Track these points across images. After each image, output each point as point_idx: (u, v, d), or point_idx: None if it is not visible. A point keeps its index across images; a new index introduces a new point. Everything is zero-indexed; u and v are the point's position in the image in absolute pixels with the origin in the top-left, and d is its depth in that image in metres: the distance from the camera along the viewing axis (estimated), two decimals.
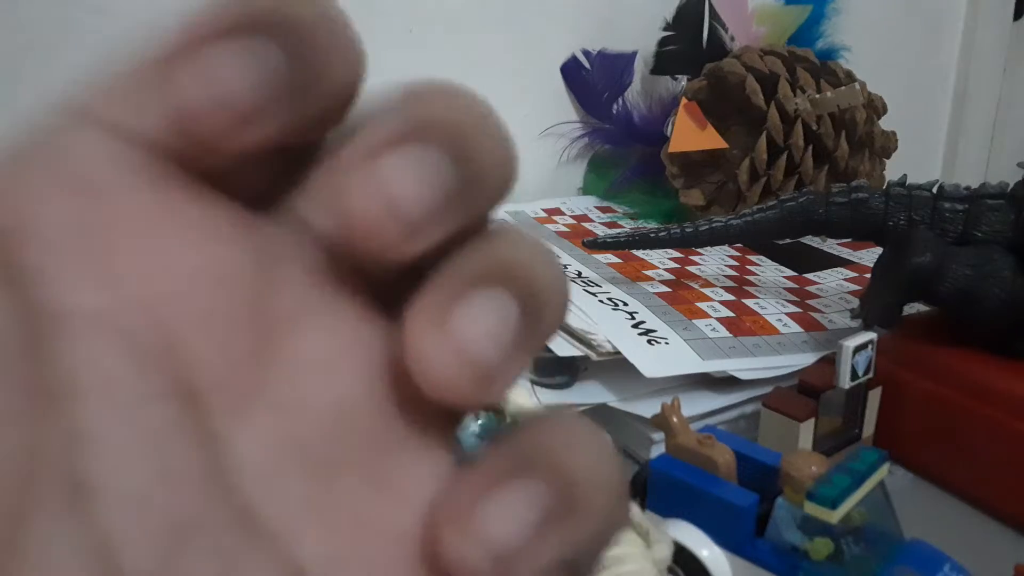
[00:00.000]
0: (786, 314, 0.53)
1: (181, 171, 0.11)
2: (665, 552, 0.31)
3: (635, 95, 0.78)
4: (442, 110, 0.11)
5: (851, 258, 0.65)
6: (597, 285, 0.54)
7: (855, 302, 0.54)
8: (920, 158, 1.06)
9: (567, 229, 0.67)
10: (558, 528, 0.10)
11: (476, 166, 0.11)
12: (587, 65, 0.77)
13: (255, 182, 0.11)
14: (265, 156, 0.11)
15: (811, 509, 0.30)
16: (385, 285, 0.12)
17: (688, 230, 0.52)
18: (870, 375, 0.42)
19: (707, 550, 0.33)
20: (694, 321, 0.50)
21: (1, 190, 0.10)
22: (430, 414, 0.11)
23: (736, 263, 0.62)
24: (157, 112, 0.10)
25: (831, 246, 0.68)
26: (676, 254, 0.63)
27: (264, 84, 0.10)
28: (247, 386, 0.10)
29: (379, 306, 0.12)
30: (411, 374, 0.10)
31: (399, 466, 0.11)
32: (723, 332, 0.49)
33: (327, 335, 0.11)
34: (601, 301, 0.51)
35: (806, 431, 0.40)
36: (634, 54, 0.77)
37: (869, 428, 0.44)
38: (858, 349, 0.40)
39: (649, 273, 0.58)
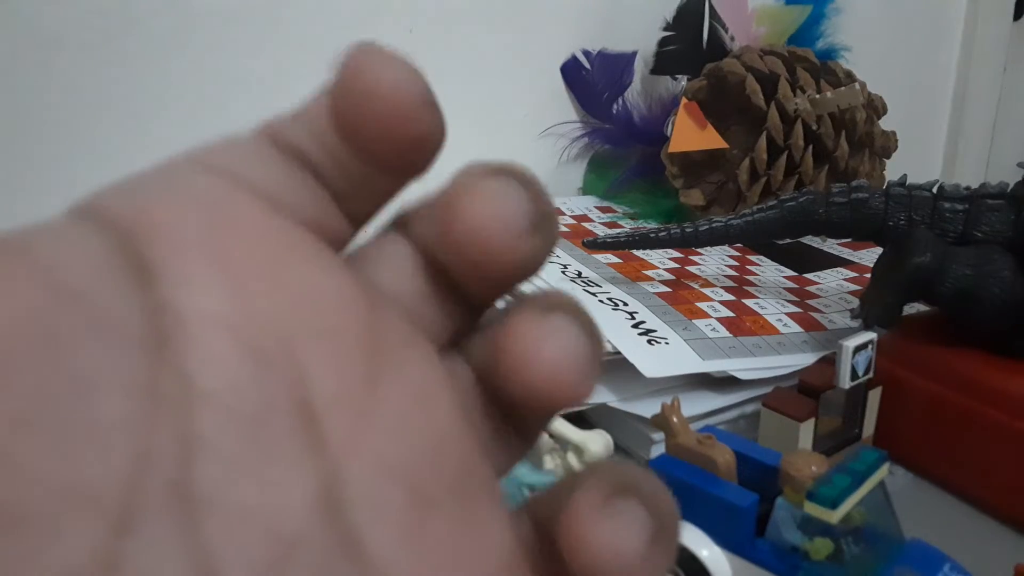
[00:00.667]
0: (786, 314, 0.53)
1: (293, 217, 0.12)
2: None
3: (635, 95, 0.78)
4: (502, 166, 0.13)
5: (851, 258, 0.65)
6: (597, 285, 0.54)
7: (855, 302, 0.54)
8: (920, 158, 1.06)
9: (567, 229, 0.67)
10: (662, 547, 0.11)
11: (549, 206, 0.12)
12: (587, 65, 0.77)
13: (345, 219, 0.13)
14: (365, 189, 0.12)
15: (811, 509, 0.30)
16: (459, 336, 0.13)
17: (688, 230, 0.52)
18: (870, 375, 0.42)
19: (707, 550, 0.33)
20: (694, 321, 0.50)
21: (125, 202, 0.10)
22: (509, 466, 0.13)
23: (736, 263, 0.62)
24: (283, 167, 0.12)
25: (831, 246, 0.68)
26: (676, 254, 0.63)
27: (418, 85, 0.12)
28: (360, 408, 0.11)
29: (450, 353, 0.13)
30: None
31: (480, 511, 0.12)
32: (723, 332, 0.49)
33: (425, 371, 0.12)
34: (601, 301, 0.51)
35: (806, 431, 0.40)
36: (634, 54, 0.77)
37: (869, 428, 0.44)
38: (858, 349, 0.40)
39: (649, 273, 0.58)
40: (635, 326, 0.48)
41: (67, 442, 0.08)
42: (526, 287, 0.13)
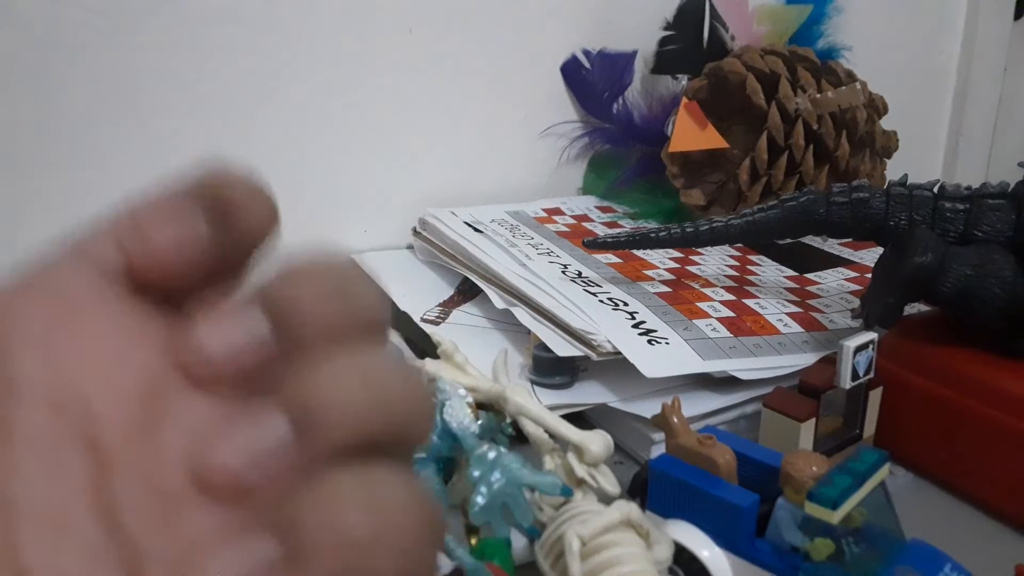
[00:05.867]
0: (787, 314, 0.53)
1: (134, 288, 0.16)
2: (665, 553, 0.31)
3: (635, 95, 0.78)
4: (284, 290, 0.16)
5: (852, 258, 0.65)
6: (597, 285, 0.54)
7: (856, 302, 0.54)
8: (921, 158, 1.06)
9: (567, 229, 0.67)
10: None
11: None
12: (587, 65, 0.77)
13: (191, 293, 0.17)
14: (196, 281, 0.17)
15: (812, 509, 0.30)
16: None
17: (688, 230, 0.52)
18: (871, 375, 0.42)
19: (707, 550, 0.33)
20: (694, 321, 0.50)
21: (5, 298, 0.16)
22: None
23: (736, 263, 0.62)
24: (118, 251, 0.16)
25: (832, 246, 0.68)
26: (676, 254, 0.63)
27: (188, 240, 0.16)
28: (134, 438, 0.15)
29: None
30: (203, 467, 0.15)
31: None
32: (723, 332, 0.49)
33: (200, 409, 0.16)
34: (601, 301, 0.51)
35: (807, 431, 0.40)
36: (634, 54, 0.77)
37: (870, 428, 0.44)
38: (859, 349, 0.40)
39: (649, 273, 0.58)
40: (635, 326, 0.48)
41: None
42: None
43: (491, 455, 0.32)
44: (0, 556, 0.13)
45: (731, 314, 0.52)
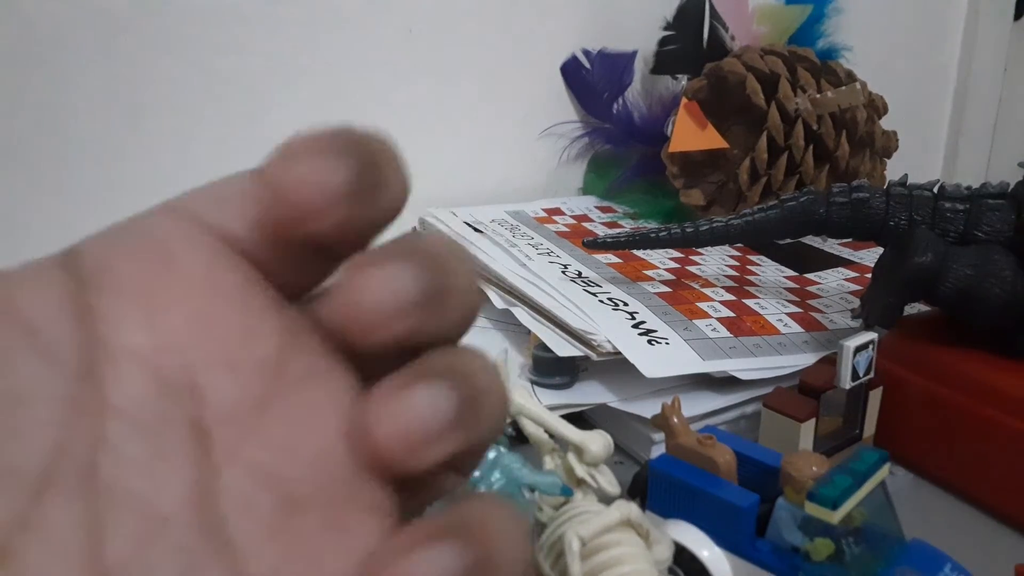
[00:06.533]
0: (787, 314, 0.53)
1: (241, 257, 0.14)
2: (665, 553, 0.31)
3: (635, 95, 0.78)
4: (429, 242, 0.14)
5: (852, 258, 0.65)
6: (597, 285, 0.54)
7: (856, 302, 0.54)
8: (921, 158, 1.06)
9: (567, 229, 0.67)
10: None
11: (444, 287, 0.14)
12: (587, 65, 0.77)
13: (296, 276, 0.15)
14: (307, 257, 0.14)
15: (812, 509, 0.30)
16: (371, 375, 0.14)
17: (688, 230, 0.52)
18: (871, 375, 0.42)
19: (707, 551, 0.33)
20: (694, 321, 0.50)
21: (95, 249, 0.14)
22: (386, 481, 0.14)
23: (736, 263, 0.62)
24: (237, 211, 0.14)
25: (832, 246, 0.68)
26: (676, 254, 0.63)
27: (330, 187, 0.13)
28: (246, 425, 0.13)
29: (363, 387, 0.15)
30: (361, 434, 0.13)
31: (353, 519, 0.13)
32: (724, 332, 0.49)
33: (321, 400, 0.14)
34: (601, 301, 0.51)
35: (807, 431, 0.40)
36: (634, 54, 0.77)
37: (870, 428, 0.44)
38: (859, 349, 0.40)
39: (649, 273, 0.58)
40: (635, 326, 0.48)
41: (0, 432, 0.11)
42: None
43: (491, 455, 0.32)
44: (81, 543, 0.11)
45: (731, 314, 0.52)
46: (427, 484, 0.15)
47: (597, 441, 0.35)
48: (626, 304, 0.51)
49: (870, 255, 0.66)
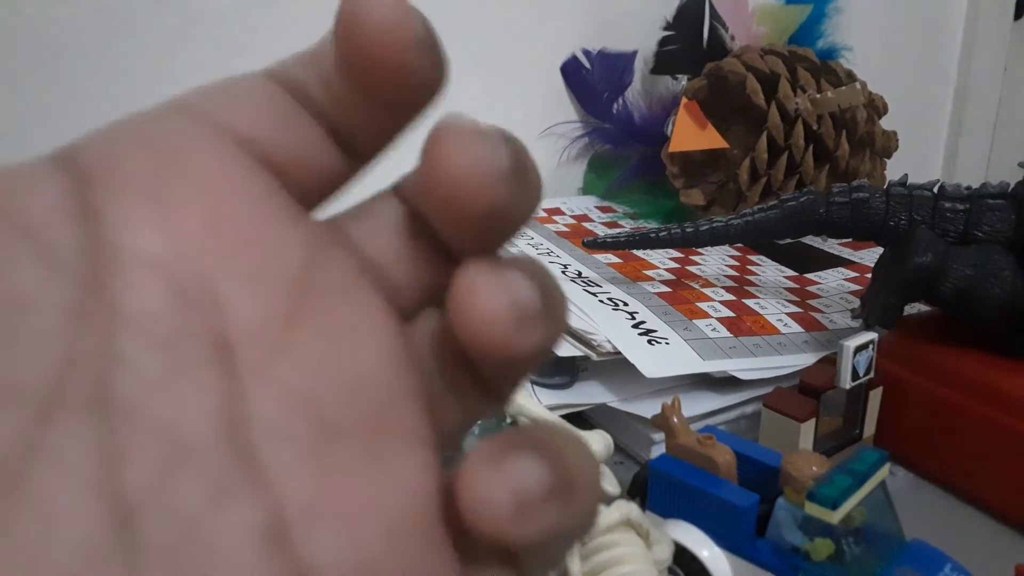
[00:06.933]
0: (787, 314, 0.53)
1: (259, 163, 0.13)
2: (665, 553, 0.31)
3: (635, 95, 0.78)
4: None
5: (852, 258, 0.65)
6: (597, 285, 0.54)
7: (856, 302, 0.54)
8: (921, 158, 1.06)
9: (567, 229, 0.67)
10: (559, 502, 0.12)
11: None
12: (587, 65, 0.77)
13: (315, 191, 0.14)
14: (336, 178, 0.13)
15: (812, 509, 0.30)
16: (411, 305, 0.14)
17: (688, 230, 0.52)
18: (871, 375, 0.42)
19: (707, 551, 0.33)
20: (694, 321, 0.50)
21: (97, 146, 0.12)
22: (430, 414, 0.13)
23: (736, 263, 0.62)
24: (253, 111, 0.13)
25: (832, 246, 0.68)
26: (676, 254, 0.63)
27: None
28: (275, 343, 0.12)
29: (400, 314, 0.14)
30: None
31: (394, 450, 0.12)
32: (724, 332, 0.49)
33: (358, 316, 0.13)
34: (601, 301, 0.51)
35: (807, 431, 0.40)
36: (634, 54, 0.77)
37: (870, 428, 0.44)
38: (859, 349, 0.40)
39: (649, 273, 0.58)
40: (635, 326, 0.48)
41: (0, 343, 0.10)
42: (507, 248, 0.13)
43: None
44: (96, 468, 0.10)
45: (731, 314, 0.52)
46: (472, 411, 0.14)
47: (597, 441, 0.35)
48: (626, 304, 0.51)
49: (870, 255, 0.66)
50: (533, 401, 0.36)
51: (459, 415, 0.14)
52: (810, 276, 0.61)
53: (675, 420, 0.36)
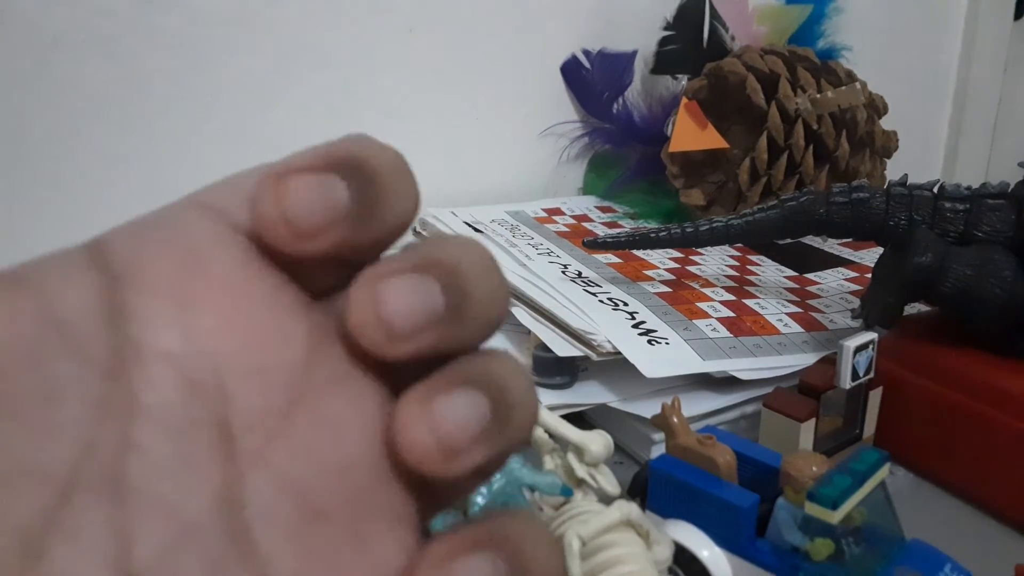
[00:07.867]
0: (787, 314, 0.53)
1: (267, 258, 0.14)
2: (665, 553, 0.31)
3: (635, 95, 0.78)
4: (447, 250, 0.14)
5: (852, 258, 0.65)
6: (597, 285, 0.54)
7: (856, 302, 0.54)
8: (921, 158, 1.06)
9: (567, 229, 0.67)
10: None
11: (467, 298, 0.13)
12: (587, 65, 0.77)
13: (321, 279, 0.14)
14: (330, 262, 0.14)
15: (812, 509, 0.30)
16: (404, 380, 0.14)
17: (688, 230, 0.52)
18: (871, 375, 0.42)
19: (707, 551, 0.33)
20: (694, 321, 0.50)
21: (125, 244, 0.13)
22: (412, 490, 0.14)
23: (736, 263, 0.62)
24: (248, 207, 0.14)
25: (832, 246, 0.68)
26: (676, 254, 0.63)
27: (326, 209, 0.13)
28: (272, 432, 0.13)
29: (394, 395, 0.14)
30: (394, 441, 0.13)
31: (374, 530, 0.13)
32: (723, 332, 0.49)
33: (348, 407, 0.14)
34: (601, 301, 0.51)
35: (807, 431, 0.40)
36: (634, 54, 0.77)
37: (870, 428, 0.44)
38: (859, 349, 0.40)
39: (649, 273, 0.58)
40: (635, 326, 0.48)
41: (31, 431, 0.11)
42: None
43: None
44: (109, 545, 0.11)
45: (731, 314, 0.52)
46: (451, 489, 0.15)
47: (597, 441, 0.35)
48: (626, 304, 0.51)
49: (870, 255, 0.66)
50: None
51: (428, 505, 0.15)
52: (810, 276, 0.61)
53: (675, 420, 0.36)
